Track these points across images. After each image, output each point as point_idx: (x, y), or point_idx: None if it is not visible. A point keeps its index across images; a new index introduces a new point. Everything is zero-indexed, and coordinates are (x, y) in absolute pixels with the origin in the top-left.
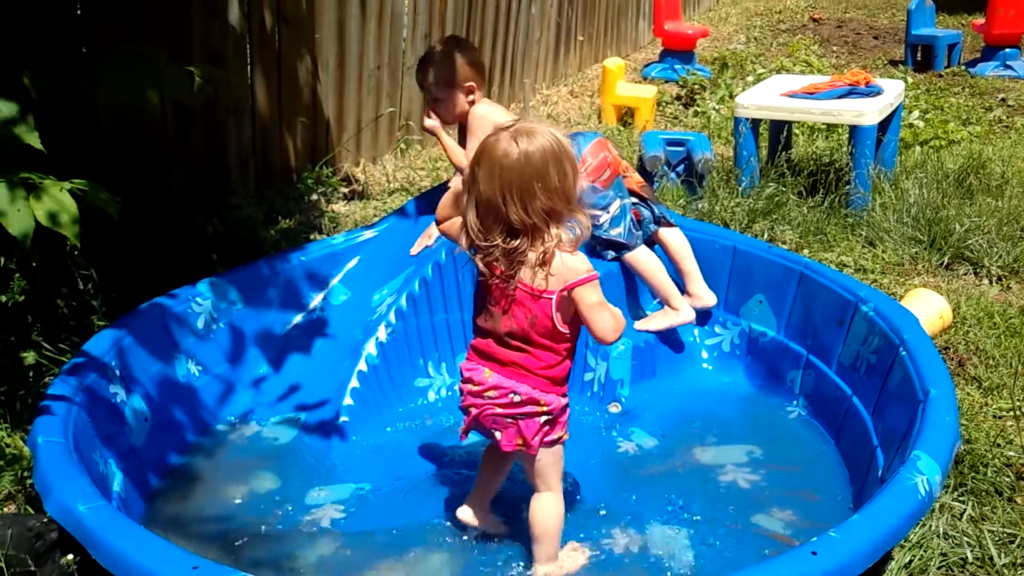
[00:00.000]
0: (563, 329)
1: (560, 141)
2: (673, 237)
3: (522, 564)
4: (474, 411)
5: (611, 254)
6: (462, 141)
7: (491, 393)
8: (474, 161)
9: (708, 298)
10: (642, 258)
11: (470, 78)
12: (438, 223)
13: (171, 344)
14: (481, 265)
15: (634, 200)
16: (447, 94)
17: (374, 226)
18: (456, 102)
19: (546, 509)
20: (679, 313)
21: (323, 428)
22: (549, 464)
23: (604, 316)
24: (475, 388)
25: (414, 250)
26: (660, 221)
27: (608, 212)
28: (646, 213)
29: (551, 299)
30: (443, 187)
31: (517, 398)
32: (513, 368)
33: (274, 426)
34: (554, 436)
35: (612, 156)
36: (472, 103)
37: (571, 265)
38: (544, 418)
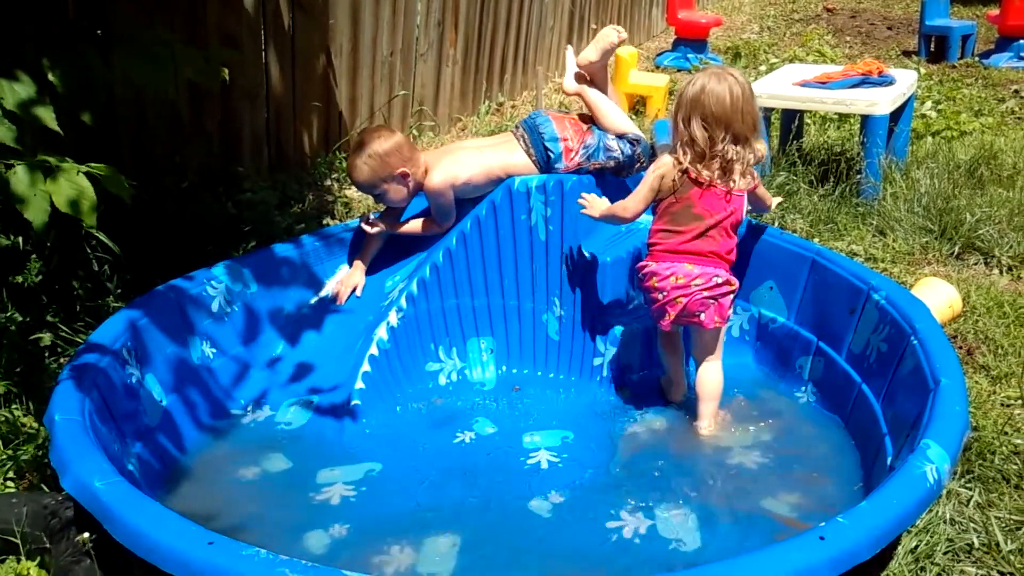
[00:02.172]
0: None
1: None
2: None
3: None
4: (684, 300)
5: None
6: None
7: (698, 281)
8: (698, 92)
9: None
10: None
11: (397, 164)
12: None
13: (186, 326)
14: (705, 172)
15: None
16: (384, 188)
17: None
18: (398, 189)
19: (717, 373)
20: None
21: (335, 411)
22: (721, 334)
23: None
24: (681, 281)
25: (340, 300)
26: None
27: None
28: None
29: (743, 196)
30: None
31: (719, 280)
32: (712, 257)
33: (287, 408)
34: (730, 311)
35: None
36: (418, 176)
37: (754, 171)
38: (732, 295)
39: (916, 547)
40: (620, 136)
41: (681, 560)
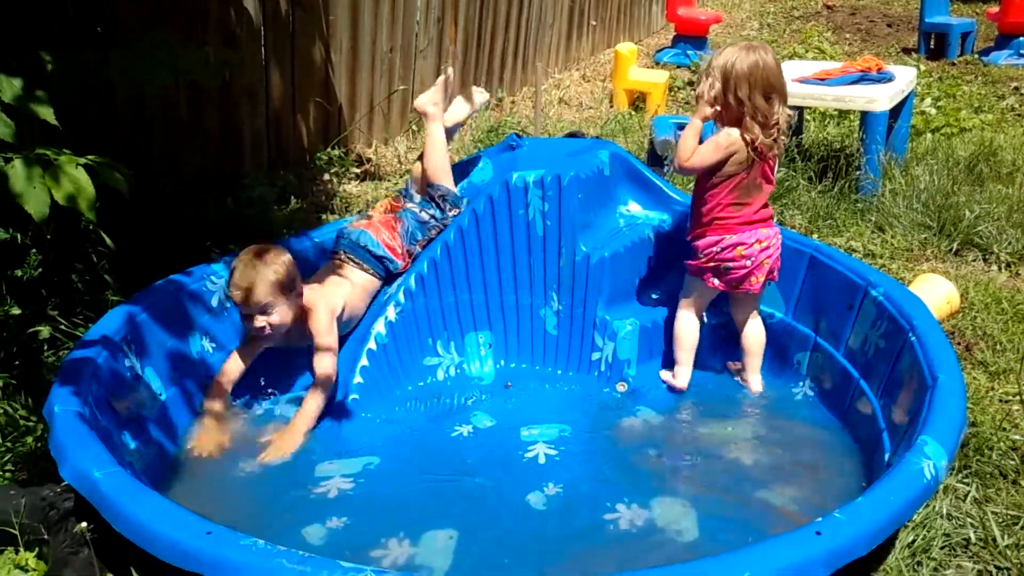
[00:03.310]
0: None
1: None
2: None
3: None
4: (769, 262)
5: None
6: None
7: (775, 242)
8: (753, 66)
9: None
10: None
11: (298, 282)
12: None
13: (186, 321)
14: (767, 141)
15: None
16: (280, 306)
17: None
18: (286, 312)
19: (762, 328)
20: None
21: (333, 405)
22: None
23: None
24: (764, 244)
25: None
26: None
27: None
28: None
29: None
30: None
31: (778, 241)
32: (770, 220)
33: (285, 403)
34: None
35: None
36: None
37: None
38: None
39: (913, 541)
40: (427, 194)
41: (678, 552)
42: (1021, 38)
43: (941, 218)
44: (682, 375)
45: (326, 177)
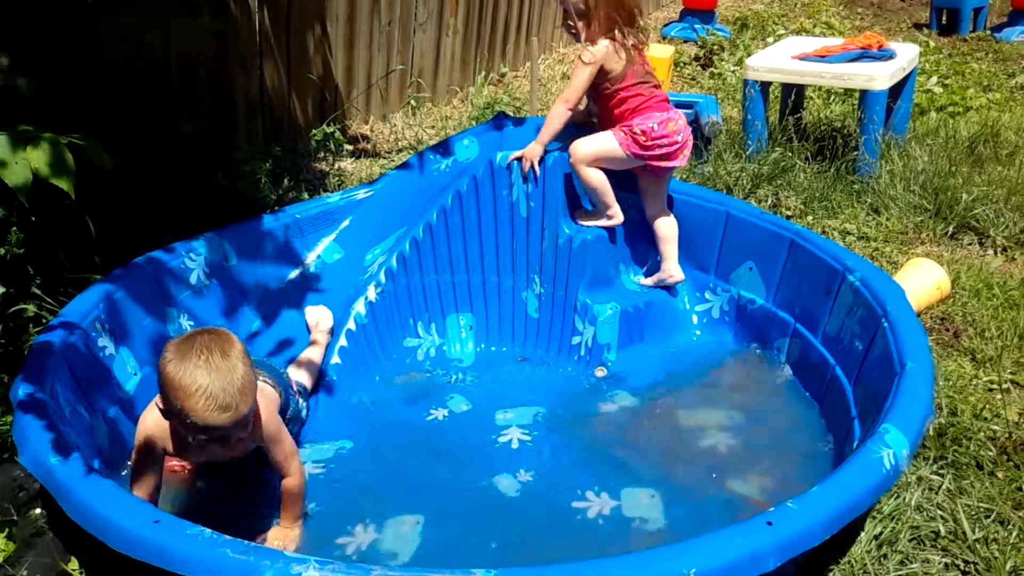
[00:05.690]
0: None
1: None
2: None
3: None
4: (691, 139)
5: None
6: None
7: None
8: None
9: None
10: None
11: None
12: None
13: (164, 298)
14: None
15: None
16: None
17: (371, 185)
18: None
19: (673, 217)
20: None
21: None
22: None
23: None
24: (684, 121)
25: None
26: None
27: None
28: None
29: None
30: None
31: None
32: None
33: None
34: None
35: None
36: None
37: None
38: None
39: (880, 533)
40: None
41: (641, 542)
42: None
43: (938, 200)
44: (617, 212)
45: (321, 153)
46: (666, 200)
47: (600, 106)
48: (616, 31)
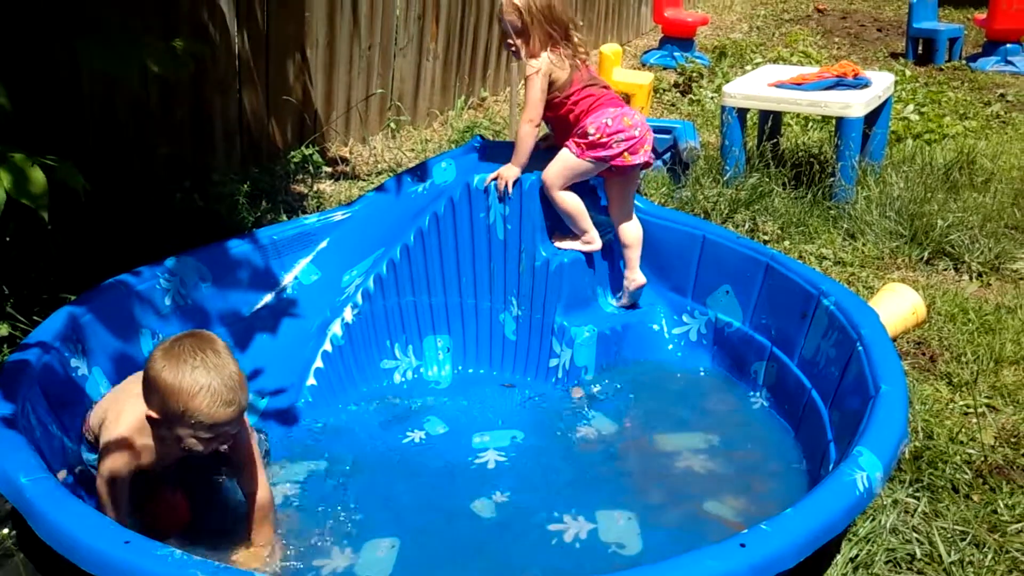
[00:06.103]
0: None
1: None
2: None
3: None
4: (650, 136)
5: None
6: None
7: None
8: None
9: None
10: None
11: None
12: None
13: (134, 321)
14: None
15: None
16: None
17: (348, 207)
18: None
19: (639, 223)
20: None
21: (285, 408)
22: None
23: None
24: (640, 118)
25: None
26: None
27: None
28: None
29: None
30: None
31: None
32: None
33: None
34: None
35: None
36: None
37: None
38: None
39: (856, 556)
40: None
41: (615, 566)
42: (1008, 45)
43: (914, 226)
44: (594, 237)
45: (300, 176)
46: (632, 207)
47: (555, 119)
48: (553, 45)
